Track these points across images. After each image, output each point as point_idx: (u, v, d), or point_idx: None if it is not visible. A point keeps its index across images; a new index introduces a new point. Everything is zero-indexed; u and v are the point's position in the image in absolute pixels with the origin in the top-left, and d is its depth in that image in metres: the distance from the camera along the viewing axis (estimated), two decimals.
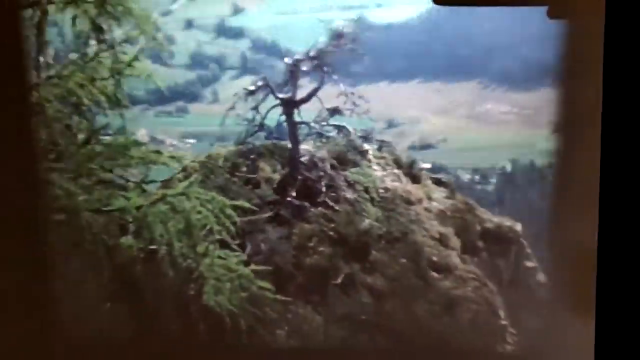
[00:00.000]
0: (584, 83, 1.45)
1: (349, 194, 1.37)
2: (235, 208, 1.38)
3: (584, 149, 1.46)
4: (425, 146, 1.36)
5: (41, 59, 1.26)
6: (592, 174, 1.21)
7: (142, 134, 1.38)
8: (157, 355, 1.40)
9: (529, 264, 1.35)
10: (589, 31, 1.37)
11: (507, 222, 1.37)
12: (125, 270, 1.37)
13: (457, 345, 1.33)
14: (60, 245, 1.35)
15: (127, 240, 1.36)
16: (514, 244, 1.36)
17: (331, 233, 1.37)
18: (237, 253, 1.39)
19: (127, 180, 1.36)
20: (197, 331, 1.38)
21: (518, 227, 1.36)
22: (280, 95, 1.37)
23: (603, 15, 1.17)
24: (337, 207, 1.38)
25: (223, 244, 1.38)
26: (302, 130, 1.40)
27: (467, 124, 1.30)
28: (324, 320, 1.32)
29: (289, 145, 1.42)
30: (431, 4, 1.43)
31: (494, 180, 1.35)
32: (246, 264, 1.39)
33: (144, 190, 1.37)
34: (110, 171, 1.34)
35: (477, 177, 1.35)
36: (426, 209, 1.36)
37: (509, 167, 1.31)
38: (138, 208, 1.36)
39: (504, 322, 1.33)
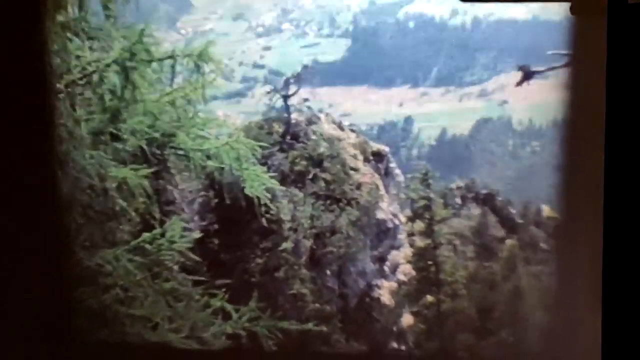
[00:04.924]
0: (587, 84, 1.62)
1: (313, 136, 2.40)
2: (260, 146, 2.43)
3: (588, 150, 1.62)
4: (347, 114, 2.54)
5: (173, 83, 2.54)
6: (597, 175, 1.36)
7: (220, 113, 2.59)
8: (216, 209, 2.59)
9: (392, 165, 2.63)
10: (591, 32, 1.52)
11: (382, 146, 2.58)
12: (210, 175, 2.50)
13: (361, 202, 2.59)
14: (181, 165, 2.61)
15: (210, 162, 2.44)
16: (385, 156, 2.59)
17: (305, 155, 2.38)
18: (261, 167, 2.38)
19: (210, 134, 2.56)
20: (241, 203, 2.53)
21: (387, 149, 2.55)
22: (282, 93, 2.45)
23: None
24: (308, 142, 2.37)
25: (254, 164, 2.51)
26: (292, 109, 2.46)
27: (363, 104, 2.55)
28: (304, 195, 2.58)
29: (286, 115, 2.57)
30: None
31: (376, 129, 2.56)
32: (266, 172, 2.44)
33: (218, 139, 2.51)
34: (203, 130, 2.59)
35: (368, 128, 2.54)
36: (347, 143, 2.46)
37: (382, 123, 2.54)
38: (216, 147, 2.46)
39: (382, 193, 2.60)
